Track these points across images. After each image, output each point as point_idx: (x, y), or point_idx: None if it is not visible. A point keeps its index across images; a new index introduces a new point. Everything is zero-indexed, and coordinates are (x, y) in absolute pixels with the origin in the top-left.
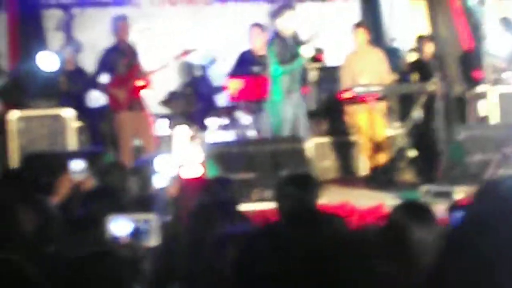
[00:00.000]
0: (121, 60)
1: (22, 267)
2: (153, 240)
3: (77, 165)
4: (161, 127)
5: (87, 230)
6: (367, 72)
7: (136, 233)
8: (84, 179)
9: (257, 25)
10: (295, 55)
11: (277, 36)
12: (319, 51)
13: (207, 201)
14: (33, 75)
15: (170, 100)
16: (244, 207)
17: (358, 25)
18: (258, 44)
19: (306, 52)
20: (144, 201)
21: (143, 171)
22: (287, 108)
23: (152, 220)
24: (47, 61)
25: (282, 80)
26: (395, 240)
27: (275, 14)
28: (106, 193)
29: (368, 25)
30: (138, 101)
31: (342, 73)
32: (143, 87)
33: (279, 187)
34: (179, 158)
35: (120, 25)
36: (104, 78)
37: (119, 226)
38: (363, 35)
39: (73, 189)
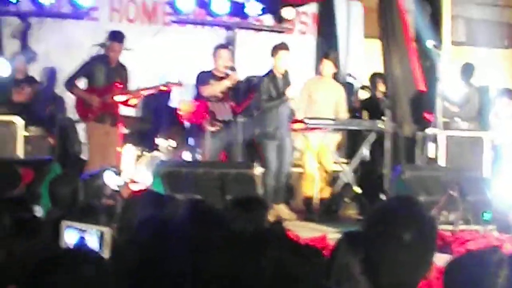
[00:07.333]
0: (103, 71)
1: None
2: (104, 253)
3: None
4: None
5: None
6: (326, 104)
7: (82, 244)
8: None
9: (224, 46)
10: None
11: (270, 73)
12: None
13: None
14: None
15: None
16: None
17: (327, 56)
18: (223, 65)
19: (290, 92)
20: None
21: (90, 183)
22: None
23: (106, 232)
24: (2, 67)
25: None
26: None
27: (271, 53)
28: None
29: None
30: (112, 115)
31: (300, 97)
32: (122, 103)
33: (226, 209)
34: (127, 175)
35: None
36: (80, 83)
37: (70, 235)
38: (330, 67)
39: None
